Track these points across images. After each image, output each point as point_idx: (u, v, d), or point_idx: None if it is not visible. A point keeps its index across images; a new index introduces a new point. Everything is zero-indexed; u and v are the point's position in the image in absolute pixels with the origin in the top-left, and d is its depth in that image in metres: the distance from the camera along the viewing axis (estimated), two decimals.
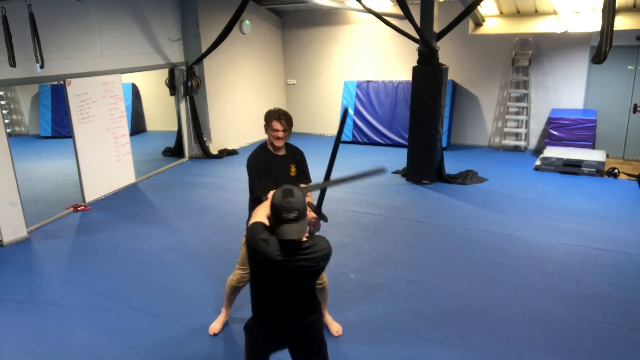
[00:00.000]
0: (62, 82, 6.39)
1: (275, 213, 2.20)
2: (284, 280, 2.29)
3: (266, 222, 2.31)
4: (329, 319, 3.80)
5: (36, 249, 5.47)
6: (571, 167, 7.64)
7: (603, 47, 5.25)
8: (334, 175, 2.83)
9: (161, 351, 3.61)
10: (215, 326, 3.82)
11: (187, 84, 8.72)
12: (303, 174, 3.47)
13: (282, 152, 3.38)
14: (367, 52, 10.30)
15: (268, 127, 3.30)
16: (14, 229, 5.65)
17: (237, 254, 5.13)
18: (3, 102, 11.56)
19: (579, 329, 3.74)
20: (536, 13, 8.93)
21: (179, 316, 4.05)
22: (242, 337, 3.71)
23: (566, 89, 8.84)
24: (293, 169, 3.40)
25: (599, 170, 7.51)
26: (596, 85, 8.62)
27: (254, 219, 2.35)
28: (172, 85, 8.80)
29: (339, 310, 4.05)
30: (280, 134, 3.26)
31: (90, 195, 6.90)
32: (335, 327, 3.77)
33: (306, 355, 2.53)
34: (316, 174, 8.89)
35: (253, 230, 2.26)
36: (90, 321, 4.01)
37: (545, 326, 3.78)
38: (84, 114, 6.70)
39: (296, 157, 3.46)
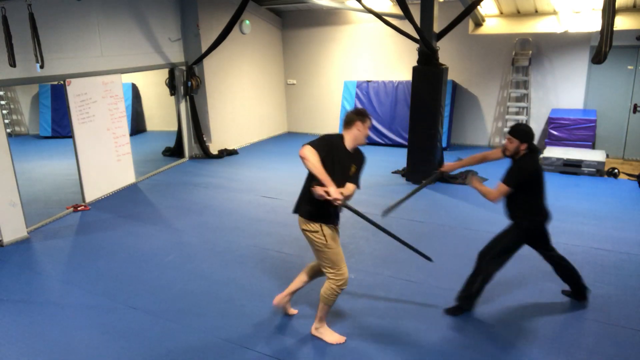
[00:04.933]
0: (62, 82, 6.39)
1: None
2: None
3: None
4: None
5: (36, 249, 5.47)
6: (571, 167, 7.64)
7: (603, 47, 5.25)
8: None
9: (161, 351, 3.61)
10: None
11: (187, 84, 8.72)
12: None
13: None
14: (367, 52, 10.30)
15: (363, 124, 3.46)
16: (14, 229, 5.65)
17: (237, 253, 5.17)
18: (3, 102, 11.57)
19: (579, 329, 3.74)
20: (536, 13, 8.92)
21: (179, 316, 4.05)
22: (242, 338, 3.72)
23: (566, 89, 8.84)
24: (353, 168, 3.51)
25: (599, 170, 7.51)
26: (596, 85, 8.62)
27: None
28: (172, 85, 8.80)
29: (339, 310, 4.06)
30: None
31: (90, 195, 6.90)
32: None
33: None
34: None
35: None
36: (90, 321, 4.01)
37: (546, 326, 3.78)
38: (84, 114, 6.70)
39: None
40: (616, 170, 7.52)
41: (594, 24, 8.12)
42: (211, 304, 4.22)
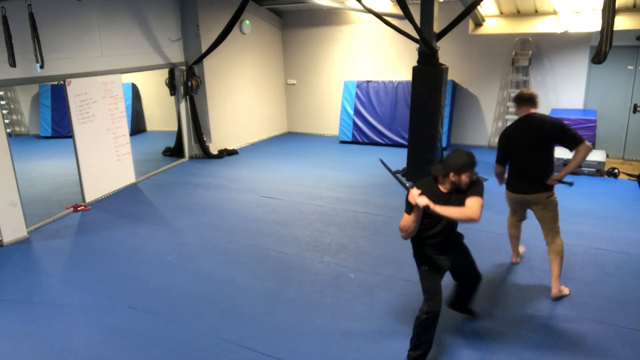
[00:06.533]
0: (62, 82, 6.39)
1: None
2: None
3: None
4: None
5: (36, 249, 5.48)
6: None
7: (603, 47, 5.25)
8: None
9: (161, 351, 3.61)
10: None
11: (187, 84, 8.73)
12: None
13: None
14: (367, 52, 10.30)
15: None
16: (14, 229, 5.66)
17: (237, 253, 5.18)
18: (3, 102, 11.57)
19: (579, 328, 3.74)
20: (536, 13, 8.93)
21: (179, 316, 4.05)
22: (242, 338, 3.72)
23: (566, 89, 8.84)
24: None
25: (599, 170, 7.50)
26: (596, 85, 8.62)
27: None
28: (172, 85, 8.80)
29: (339, 311, 4.06)
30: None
31: (90, 195, 6.90)
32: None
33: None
34: (314, 174, 8.82)
35: None
36: (90, 321, 4.01)
37: (546, 326, 3.78)
38: (84, 114, 6.70)
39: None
40: (616, 170, 7.52)
41: (594, 24, 8.12)
42: (211, 304, 4.22)
